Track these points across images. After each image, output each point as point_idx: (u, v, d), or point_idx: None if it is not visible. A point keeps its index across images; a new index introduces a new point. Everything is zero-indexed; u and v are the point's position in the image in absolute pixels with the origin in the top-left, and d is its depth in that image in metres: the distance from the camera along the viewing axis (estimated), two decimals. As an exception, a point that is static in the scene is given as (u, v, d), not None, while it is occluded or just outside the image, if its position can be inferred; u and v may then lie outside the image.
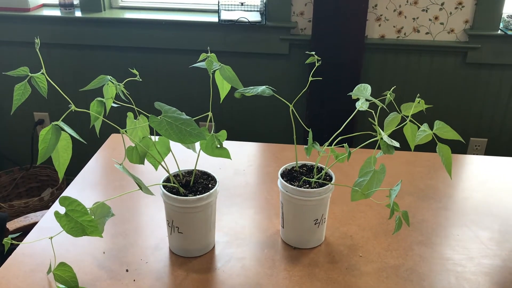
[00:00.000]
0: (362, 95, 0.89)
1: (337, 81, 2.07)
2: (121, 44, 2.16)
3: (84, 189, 1.18)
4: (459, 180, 1.25)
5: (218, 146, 0.83)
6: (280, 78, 2.16)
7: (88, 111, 0.79)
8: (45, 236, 0.93)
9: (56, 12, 2.16)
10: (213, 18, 2.07)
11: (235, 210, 1.10)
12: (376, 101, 0.88)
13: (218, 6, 2.03)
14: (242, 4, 2.06)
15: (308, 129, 0.89)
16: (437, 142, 0.84)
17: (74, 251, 0.96)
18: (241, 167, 1.29)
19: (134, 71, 0.82)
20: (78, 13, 2.15)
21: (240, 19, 1.98)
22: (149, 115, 0.79)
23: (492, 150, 2.26)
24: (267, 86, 0.89)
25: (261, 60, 2.13)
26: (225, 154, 0.85)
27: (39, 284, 0.88)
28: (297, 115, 0.90)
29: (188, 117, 0.78)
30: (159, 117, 0.76)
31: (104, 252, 0.96)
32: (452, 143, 2.52)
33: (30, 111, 2.36)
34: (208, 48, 0.88)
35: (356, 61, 2.04)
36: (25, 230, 1.20)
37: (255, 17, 2.04)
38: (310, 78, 0.89)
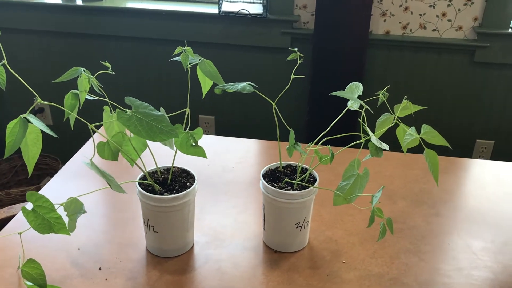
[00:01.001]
0: (349, 96, 0.84)
1: (339, 76, 2.02)
2: (121, 34, 2.13)
3: (71, 179, 1.15)
4: (456, 185, 1.20)
5: (193, 144, 0.79)
6: (281, 73, 2.11)
7: (56, 105, 0.76)
8: (22, 229, 0.90)
9: (57, 0, 2.13)
10: (214, 10, 2.03)
11: (219, 209, 1.07)
12: (362, 102, 0.83)
13: (219, -3, 1.98)
14: (244, -5, 2.02)
15: (290, 129, 0.85)
16: (424, 146, 0.79)
17: (49, 246, 0.93)
18: (230, 163, 1.25)
19: (106, 63, 0.79)
20: (79, 2, 2.12)
21: (240, 11, 1.94)
22: (124, 109, 0.75)
23: (499, 153, 2.19)
24: (248, 82, 0.85)
25: (262, 54, 2.08)
26: (200, 152, 0.81)
27: (8, 280, 0.85)
28: (279, 113, 0.86)
29: (160, 113, 0.74)
30: (128, 112, 0.72)
31: (79, 249, 0.93)
32: (457, 144, 2.44)
33: (30, 99, 2.34)
34: (185, 41, 0.84)
35: (360, 57, 1.98)
36: (8, 222, 1.18)
37: (257, 9, 2.00)
38: (292, 76, 0.85)
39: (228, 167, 1.24)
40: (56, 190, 1.12)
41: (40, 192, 1.14)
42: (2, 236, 0.95)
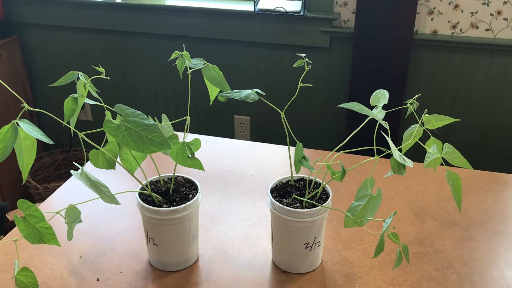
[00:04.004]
0: (359, 109, 0.76)
1: (381, 79, 1.90)
2: (158, 32, 2.12)
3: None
4: (498, 205, 1.07)
5: (190, 155, 0.74)
6: (319, 74, 2.02)
7: (44, 111, 0.73)
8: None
9: (97, -3, 2.15)
10: (249, 7, 1.97)
11: (230, 221, 1.01)
12: (377, 117, 0.74)
13: (255, -5, 1.92)
14: (280, -8, 1.94)
15: (297, 141, 0.78)
16: (445, 167, 0.69)
17: (51, 251, 0.91)
18: (250, 170, 1.19)
19: (100, 69, 0.75)
20: (118, -1, 2.13)
21: (277, 8, 1.86)
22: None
23: (558, 164, 1.99)
24: (254, 89, 0.78)
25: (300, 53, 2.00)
26: (197, 165, 0.75)
27: (6, 285, 0.84)
28: (287, 123, 0.79)
29: (152, 122, 0.69)
30: (116, 121, 0.68)
31: (80, 256, 0.91)
32: (505, 157, 2.21)
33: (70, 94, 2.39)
34: (184, 45, 0.78)
35: (404, 58, 1.86)
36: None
37: (295, 6, 1.91)
38: (300, 85, 0.77)
39: (247, 174, 1.18)
40: (73, 190, 1.11)
41: (57, 191, 1.13)
42: (4, 241, 0.93)
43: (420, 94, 0.89)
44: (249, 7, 1.97)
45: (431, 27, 1.86)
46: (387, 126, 0.76)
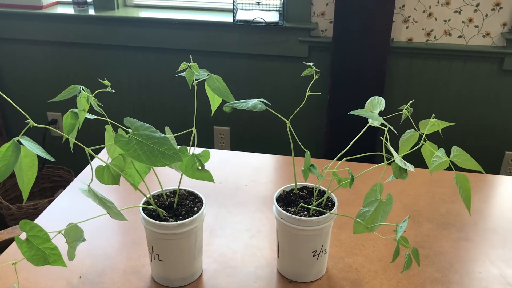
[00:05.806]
0: (368, 115, 0.77)
1: (359, 86, 1.94)
2: (133, 44, 2.09)
3: (78, 196, 1.10)
4: (486, 205, 1.10)
5: (200, 167, 0.73)
6: (299, 82, 2.04)
7: (46, 126, 0.71)
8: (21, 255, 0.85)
9: (69, 10, 2.11)
10: (228, 18, 1.97)
11: (230, 233, 1.00)
12: (384, 122, 0.75)
13: (233, 5, 1.92)
14: (258, 3, 1.95)
15: (305, 150, 0.78)
16: (454, 170, 0.71)
17: (48, 273, 0.88)
18: (244, 181, 1.19)
19: (106, 82, 0.73)
20: (91, 11, 2.09)
21: (256, 19, 1.88)
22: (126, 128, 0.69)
23: (529, 164, 2.07)
24: (260, 99, 0.78)
25: (279, 63, 2.02)
26: (207, 177, 0.74)
27: (4, 311, 0.80)
28: (293, 132, 0.79)
29: (163, 135, 0.68)
30: (127, 135, 0.66)
31: (80, 277, 0.88)
32: (485, 157, 2.30)
33: (43, 110, 2.32)
34: (191, 56, 0.77)
35: (381, 65, 1.90)
36: (10, 244, 1.13)
37: (273, 17, 1.93)
38: (307, 93, 0.78)
39: (241, 185, 1.17)
40: (64, 208, 1.07)
41: (48, 208, 1.09)
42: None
43: (413, 100, 0.91)
44: (228, 18, 1.97)
45: (406, 35, 1.91)
46: (388, 132, 0.77)
